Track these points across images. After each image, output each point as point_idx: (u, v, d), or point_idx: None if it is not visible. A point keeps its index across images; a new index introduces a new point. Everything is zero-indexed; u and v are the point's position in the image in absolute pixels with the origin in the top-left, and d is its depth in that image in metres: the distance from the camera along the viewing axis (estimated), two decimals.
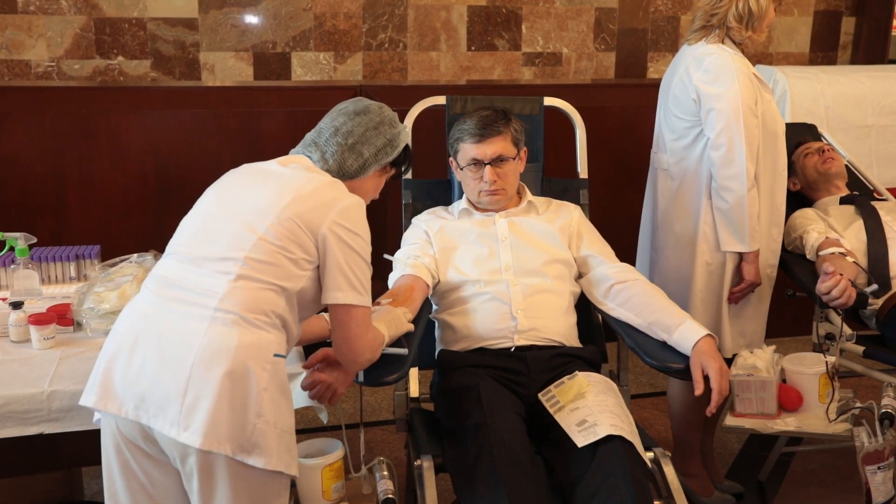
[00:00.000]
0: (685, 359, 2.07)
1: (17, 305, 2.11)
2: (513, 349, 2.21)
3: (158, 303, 1.68)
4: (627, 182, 3.66)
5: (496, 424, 1.95)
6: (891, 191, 3.10)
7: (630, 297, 2.24)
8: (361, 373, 1.89)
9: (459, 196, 2.53)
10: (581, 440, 1.91)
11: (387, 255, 2.29)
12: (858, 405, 2.25)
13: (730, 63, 2.48)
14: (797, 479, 2.93)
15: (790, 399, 2.29)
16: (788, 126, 2.73)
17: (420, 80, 4.18)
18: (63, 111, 3.31)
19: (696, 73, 2.52)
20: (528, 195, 2.46)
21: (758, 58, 4.54)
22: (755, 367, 2.25)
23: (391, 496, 1.92)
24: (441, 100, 2.67)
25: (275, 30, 4.02)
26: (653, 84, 2.94)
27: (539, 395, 2.10)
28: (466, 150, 2.36)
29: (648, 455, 2.00)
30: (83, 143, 3.32)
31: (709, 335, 2.08)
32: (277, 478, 1.65)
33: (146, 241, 2.49)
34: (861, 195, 2.88)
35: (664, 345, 2.14)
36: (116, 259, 2.29)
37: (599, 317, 2.45)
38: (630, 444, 1.91)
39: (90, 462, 2.23)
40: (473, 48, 4.27)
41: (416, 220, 2.47)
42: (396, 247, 2.44)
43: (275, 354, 1.65)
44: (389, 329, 1.95)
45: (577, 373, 2.13)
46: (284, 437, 1.65)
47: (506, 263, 2.31)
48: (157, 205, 3.41)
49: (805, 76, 3.77)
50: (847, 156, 3.09)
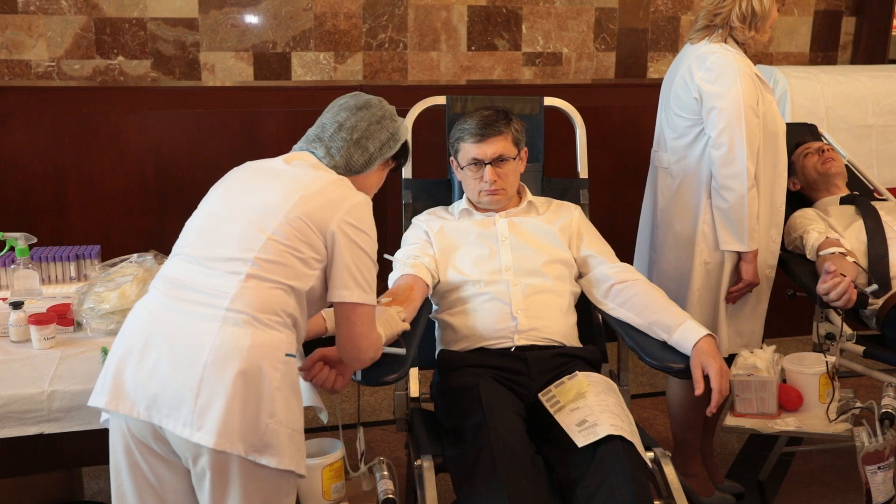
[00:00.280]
0: (685, 359, 2.07)
1: (18, 305, 2.10)
2: (513, 349, 2.21)
3: (168, 303, 1.68)
4: (627, 182, 3.66)
5: (496, 424, 1.95)
6: (891, 191, 3.10)
7: (630, 297, 2.24)
8: (359, 372, 1.89)
9: (459, 196, 2.53)
10: (581, 440, 1.91)
11: (387, 255, 2.29)
12: (858, 405, 2.25)
13: (732, 62, 2.48)
14: (797, 479, 2.93)
15: (790, 399, 2.29)
16: (788, 126, 2.73)
17: (420, 80, 4.18)
18: (63, 111, 3.31)
19: (699, 72, 2.52)
20: (529, 195, 2.46)
21: (758, 57, 4.53)
22: (755, 367, 2.26)
23: (391, 496, 1.91)
24: (441, 100, 2.67)
25: (275, 30, 4.02)
26: (653, 84, 2.94)
27: (539, 395, 2.10)
28: (467, 150, 2.36)
29: (648, 455, 2.00)
30: (83, 143, 3.32)
31: (709, 335, 2.08)
32: (287, 477, 1.66)
33: (146, 241, 2.50)
34: (861, 195, 2.88)
35: (664, 345, 2.14)
36: (116, 259, 2.29)
37: (599, 317, 2.45)
38: (630, 444, 1.91)
39: (90, 462, 2.23)
40: (473, 48, 4.27)
41: (416, 220, 2.47)
42: (396, 247, 2.44)
43: (286, 354, 1.66)
44: (385, 329, 1.95)
45: (578, 373, 2.13)
46: (295, 437, 1.65)
47: (506, 263, 2.31)
48: (158, 205, 3.41)
49: (805, 76, 3.77)
50: (847, 156, 3.08)
